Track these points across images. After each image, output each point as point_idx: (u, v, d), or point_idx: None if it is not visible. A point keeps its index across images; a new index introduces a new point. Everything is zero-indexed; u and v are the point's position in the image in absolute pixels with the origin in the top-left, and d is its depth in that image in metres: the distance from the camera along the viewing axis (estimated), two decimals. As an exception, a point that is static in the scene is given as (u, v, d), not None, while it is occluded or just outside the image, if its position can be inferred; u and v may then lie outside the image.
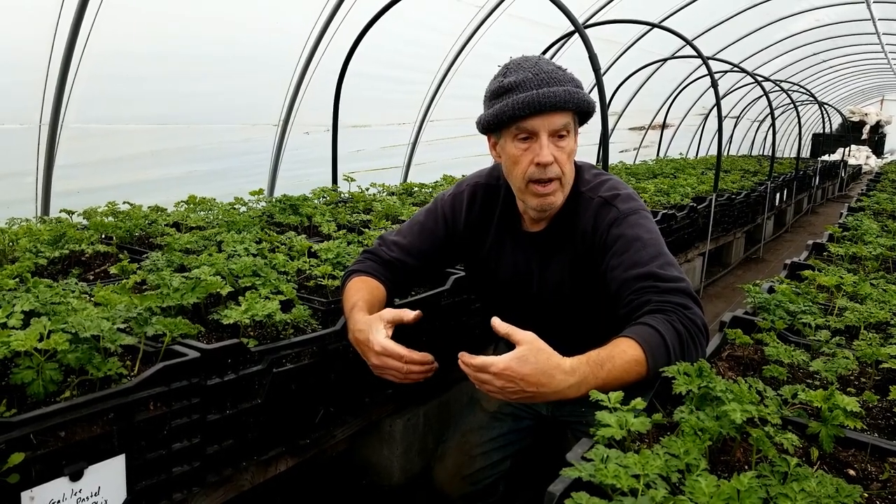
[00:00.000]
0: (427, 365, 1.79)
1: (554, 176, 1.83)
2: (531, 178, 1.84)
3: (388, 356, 1.75)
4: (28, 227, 2.89)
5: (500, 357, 1.47)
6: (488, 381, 1.49)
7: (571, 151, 1.85)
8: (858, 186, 16.85)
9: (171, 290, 1.99)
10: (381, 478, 2.76)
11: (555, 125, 1.79)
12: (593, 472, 1.11)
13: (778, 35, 11.83)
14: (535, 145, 1.80)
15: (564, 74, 1.83)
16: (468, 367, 1.53)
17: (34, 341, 1.48)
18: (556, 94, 1.75)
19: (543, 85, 1.77)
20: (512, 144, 1.85)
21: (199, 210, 3.68)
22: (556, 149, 1.81)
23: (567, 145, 1.83)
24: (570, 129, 1.83)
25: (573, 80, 1.83)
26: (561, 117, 1.79)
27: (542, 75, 1.79)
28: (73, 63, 3.87)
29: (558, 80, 1.79)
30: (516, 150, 1.84)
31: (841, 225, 4.13)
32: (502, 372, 1.46)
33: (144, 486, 1.64)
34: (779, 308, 2.21)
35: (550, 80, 1.78)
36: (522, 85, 1.78)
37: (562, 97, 1.76)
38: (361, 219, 3.80)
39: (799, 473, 1.16)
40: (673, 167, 9.16)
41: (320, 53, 5.45)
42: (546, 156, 1.79)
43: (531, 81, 1.78)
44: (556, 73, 1.81)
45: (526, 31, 7.33)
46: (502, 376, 1.47)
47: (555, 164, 1.81)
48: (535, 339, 1.49)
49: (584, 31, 3.70)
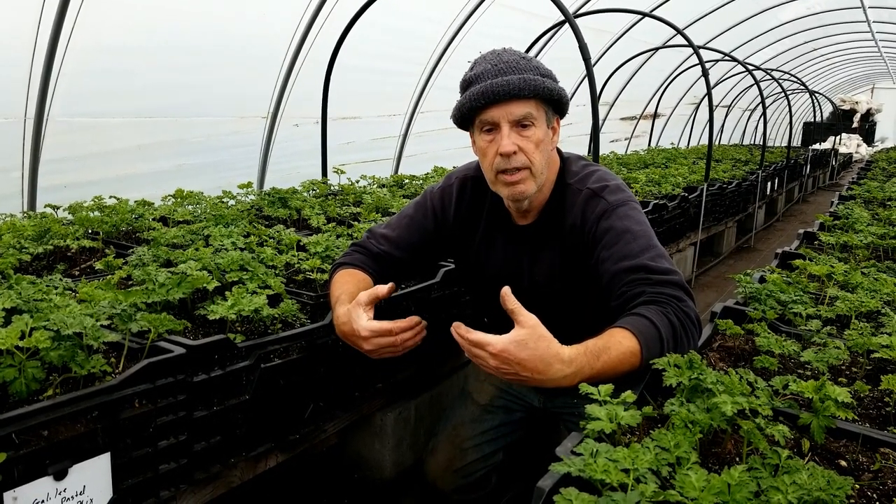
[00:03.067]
0: (416, 326, 1.80)
1: (520, 165, 1.80)
2: (498, 169, 1.82)
3: (377, 337, 1.76)
4: (12, 223, 2.85)
5: (499, 337, 1.45)
6: (483, 357, 1.48)
7: (539, 140, 1.81)
8: (849, 175, 16.90)
9: (156, 286, 1.96)
10: (372, 472, 2.75)
11: (514, 114, 1.77)
12: (583, 467, 1.10)
13: (769, 24, 11.82)
14: (499, 136, 1.79)
15: (527, 63, 1.80)
16: (463, 340, 1.50)
17: (15, 339, 1.45)
18: (509, 82, 1.73)
19: (500, 74, 1.75)
20: (479, 137, 1.84)
21: (186, 204, 3.65)
22: (521, 138, 1.79)
23: (532, 134, 1.80)
24: (533, 118, 1.79)
25: (537, 69, 1.81)
26: (520, 106, 1.77)
27: (501, 65, 1.77)
28: (58, 56, 3.81)
29: (517, 69, 1.77)
30: (483, 142, 1.83)
31: (832, 214, 4.13)
32: (499, 353, 1.44)
33: (131, 485, 1.62)
34: (770, 298, 2.20)
35: (508, 69, 1.76)
36: (481, 76, 1.77)
37: (516, 84, 1.73)
38: (351, 211, 3.78)
39: (790, 465, 1.15)
40: (664, 157, 9.15)
41: (309, 44, 5.40)
42: (507, 145, 1.77)
43: (489, 72, 1.77)
44: (518, 62, 1.79)
45: (516, 21, 7.29)
46: (499, 357, 1.45)
47: (520, 154, 1.79)
48: (537, 324, 1.47)
49: (574, 21, 3.67)
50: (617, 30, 9.07)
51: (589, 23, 7.09)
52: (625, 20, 8.83)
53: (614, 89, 10.41)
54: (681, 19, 8.32)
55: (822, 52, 16.42)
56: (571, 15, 3.72)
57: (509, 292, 1.50)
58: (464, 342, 1.51)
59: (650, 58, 10.14)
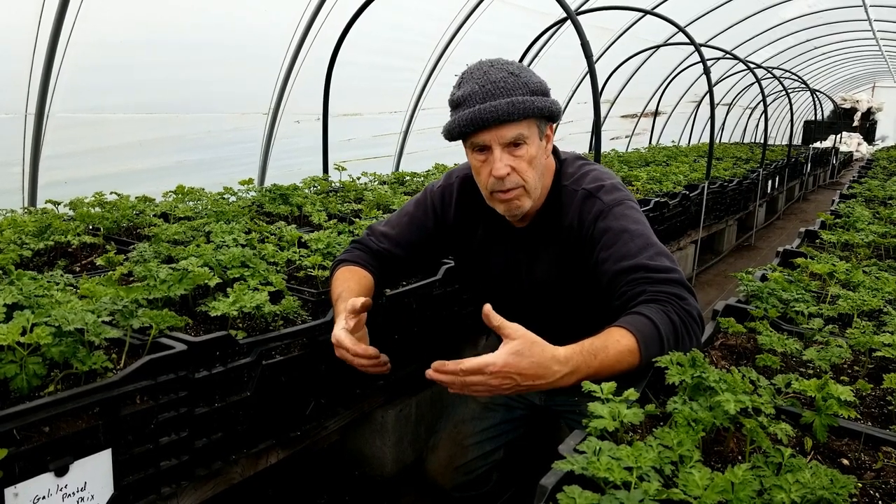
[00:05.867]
0: (373, 358, 1.76)
1: (513, 185, 1.79)
2: (492, 189, 1.82)
3: (339, 348, 1.75)
4: (13, 219, 2.85)
5: (497, 355, 1.42)
6: (480, 382, 1.43)
7: (532, 158, 1.79)
8: (850, 173, 16.90)
9: (157, 282, 1.96)
10: (373, 469, 2.75)
11: (505, 137, 1.75)
12: (586, 465, 1.10)
13: (770, 22, 11.80)
14: (491, 157, 1.77)
15: (516, 81, 1.75)
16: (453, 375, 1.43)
17: (17, 335, 1.45)
18: (497, 108, 1.70)
19: (488, 98, 1.72)
20: (472, 156, 1.84)
21: (187, 200, 3.64)
22: (513, 158, 1.77)
23: (525, 153, 1.77)
24: (524, 137, 1.76)
25: (526, 86, 1.75)
26: (510, 129, 1.74)
27: (489, 86, 1.73)
28: (59, 51, 3.81)
29: (505, 90, 1.72)
30: (476, 161, 1.82)
31: (833, 212, 4.13)
32: (501, 370, 1.41)
33: (132, 481, 1.62)
34: (772, 296, 2.20)
35: (497, 91, 1.72)
36: (469, 100, 1.74)
37: (504, 110, 1.70)
38: (352, 208, 3.77)
39: (793, 464, 1.15)
40: (665, 155, 9.15)
41: (310, 41, 5.40)
42: (500, 169, 1.76)
43: (476, 95, 1.73)
44: (505, 81, 1.74)
45: (518, 18, 7.28)
46: (500, 374, 1.42)
47: (513, 174, 1.78)
48: (525, 332, 1.46)
49: (576, 18, 3.66)
50: (618, 27, 9.05)
51: (590, 20, 7.07)
52: (626, 18, 8.82)
53: (615, 87, 10.40)
54: (682, 17, 8.30)
55: (823, 50, 16.40)
56: (573, 12, 3.71)
57: (492, 312, 1.46)
58: (453, 377, 1.43)
59: (651, 56, 10.12)
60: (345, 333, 1.74)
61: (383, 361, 1.80)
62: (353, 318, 1.77)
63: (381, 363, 1.79)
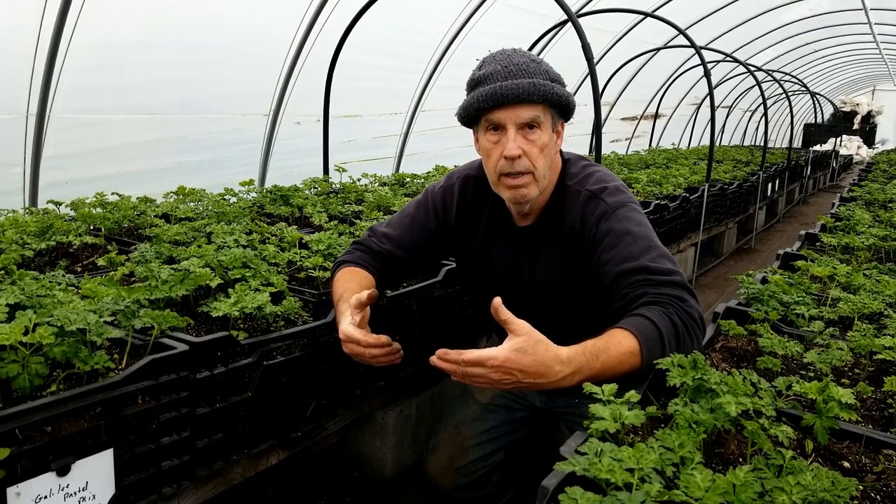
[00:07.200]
0: (386, 347, 1.76)
1: (523, 170, 1.80)
2: (501, 172, 1.82)
3: (349, 342, 1.75)
4: (14, 219, 2.85)
5: (498, 349, 1.43)
6: (481, 374, 1.44)
7: (544, 145, 1.81)
8: (850, 176, 16.90)
9: (159, 282, 1.96)
10: (373, 470, 2.75)
11: (521, 118, 1.77)
12: (587, 467, 1.10)
13: (771, 24, 11.81)
14: (504, 138, 1.79)
15: (537, 67, 1.80)
16: (455, 364, 1.44)
17: (19, 335, 1.45)
18: (519, 85, 1.73)
19: (510, 77, 1.75)
20: (484, 137, 1.84)
21: (188, 201, 3.65)
22: (526, 142, 1.79)
23: (538, 139, 1.80)
24: (540, 121, 1.79)
25: (546, 73, 1.80)
26: (528, 109, 1.76)
27: (511, 67, 1.76)
28: (61, 52, 3.81)
29: (527, 73, 1.76)
30: (487, 143, 1.83)
31: (833, 215, 4.13)
32: (502, 364, 1.42)
33: (133, 481, 1.62)
34: (772, 299, 2.20)
35: (519, 72, 1.76)
36: (490, 77, 1.77)
37: (526, 88, 1.73)
38: (353, 209, 3.77)
39: (794, 466, 1.16)
40: (665, 157, 9.15)
41: (311, 42, 5.40)
42: (512, 149, 1.77)
43: (499, 74, 1.76)
44: (528, 65, 1.78)
45: (518, 20, 7.29)
46: (501, 369, 1.43)
47: (524, 158, 1.79)
48: (531, 329, 1.47)
49: (577, 20, 3.67)
50: (618, 30, 9.06)
51: (591, 23, 7.08)
52: (626, 20, 8.83)
53: (615, 89, 10.40)
54: (682, 20, 8.31)
55: (823, 53, 16.41)
56: (574, 14, 3.72)
57: (501, 305, 1.47)
58: (455, 366, 1.45)
59: (652, 58, 10.13)
60: (353, 327, 1.74)
61: (396, 349, 1.79)
62: (359, 313, 1.77)
63: (393, 351, 1.79)
